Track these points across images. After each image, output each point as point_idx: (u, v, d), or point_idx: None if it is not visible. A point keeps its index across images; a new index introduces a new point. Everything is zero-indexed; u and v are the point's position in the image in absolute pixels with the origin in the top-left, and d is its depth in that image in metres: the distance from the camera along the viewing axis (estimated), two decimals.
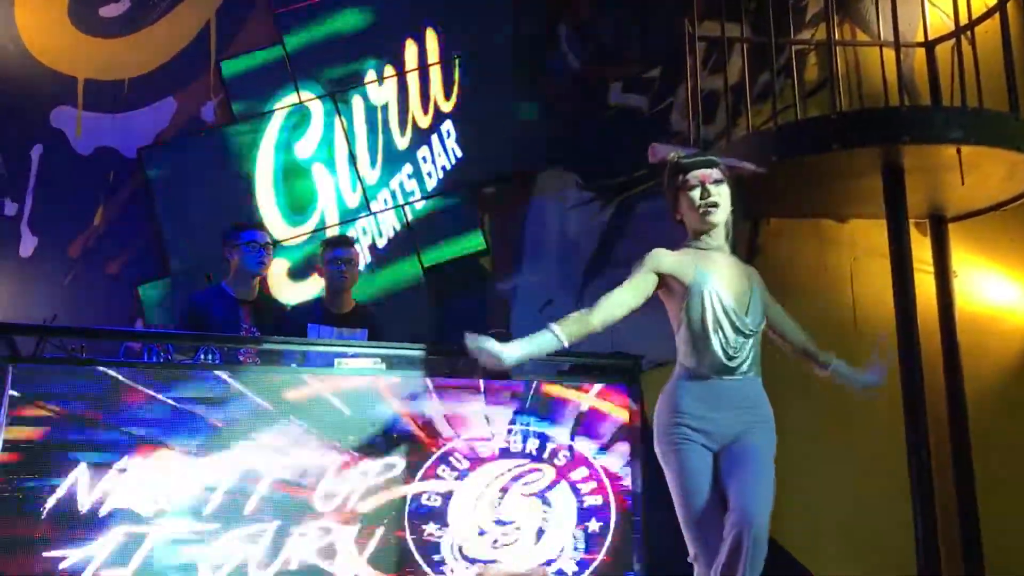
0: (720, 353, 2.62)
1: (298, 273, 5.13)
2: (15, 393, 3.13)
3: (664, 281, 2.67)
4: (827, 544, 4.76)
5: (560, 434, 3.71)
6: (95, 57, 5.34)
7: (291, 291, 5.07)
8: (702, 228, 2.71)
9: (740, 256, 5.06)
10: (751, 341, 2.69)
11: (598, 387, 3.80)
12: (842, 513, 4.79)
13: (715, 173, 2.69)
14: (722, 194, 2.69)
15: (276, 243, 4.40)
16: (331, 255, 4.17)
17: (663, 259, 2.67)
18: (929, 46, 5.14)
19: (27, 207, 5.12)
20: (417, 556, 3.46)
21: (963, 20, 4.76)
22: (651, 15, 5.53)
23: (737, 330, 2.64)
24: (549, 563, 3.61)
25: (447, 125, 5.37)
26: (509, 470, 3.65)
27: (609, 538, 3.68)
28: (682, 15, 5.08)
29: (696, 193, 2.67)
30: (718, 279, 2.65)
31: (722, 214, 2.71)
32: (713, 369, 2.63)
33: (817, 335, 4.96)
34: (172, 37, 5.40)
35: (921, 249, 4.92)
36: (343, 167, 5.31)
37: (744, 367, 2.67)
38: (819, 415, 4.86)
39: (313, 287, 4.96)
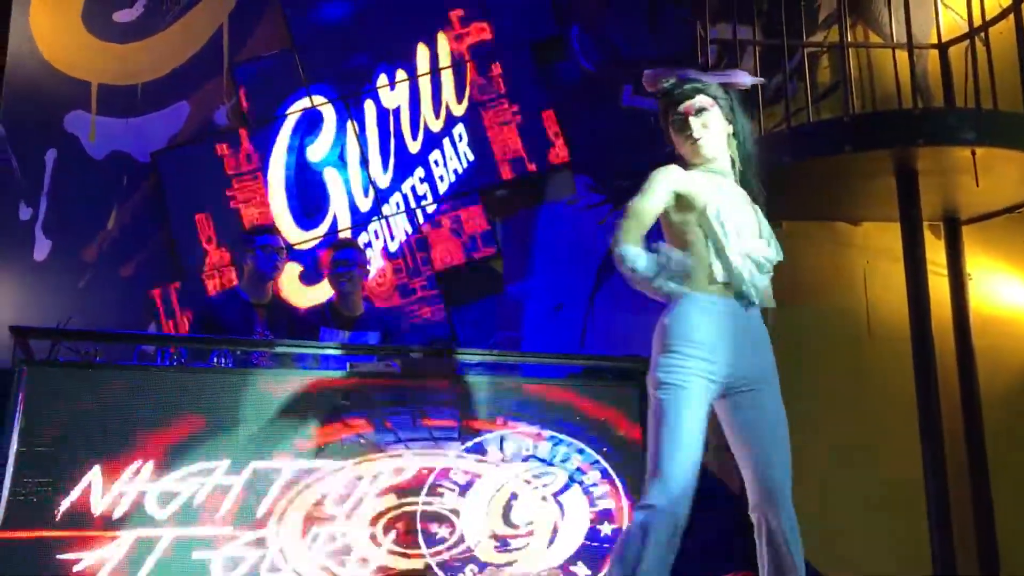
0: (738, 273, 2.44)
1: (310, 277, 5.14)
2: (29, 396, 3.14)
3: (677, 201, 2.48)
4: (840, 547, 4.74)
5: (572, 437, 3.70)
6: (109, 62, 5.37)
7: (303, 295, 5.08)
8: (699, 161, 2.54)
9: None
10: (766, 275, 2.53)
11: (610, 389, 3.79)
12: (855, 515, 4.77)
13: (700, 101, 2.50)
14: (709, 123, 2.51)
15: (290, 247, 4.41)
16: (333, 258, 4.19)
17: (674, 176, 2.48)
18: (943, 48, 5.11)
19: (41, 211, 5.15)
20: (429, 559, 3.46)
21: (977, 21, 4.74)
22: (663, 17, 5.52)
23: (753, 260, 2.48)
24: (562, 567, 3.60)
25: (459, 129, 5.38)
26: (522, 473, 3.64)
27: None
28: (694, 17, 5.08)
29: (680, 127, 2.52)
30: (725, 201, 2.48)
31: (712, 144, 2.53)
32: (727, 290, 2.44)
33: (830, 338, 5.01)
34: (185, 41, 5.43)
35: (935, 252, 4.89)
36: (355, 171, 5.33)
37: (758, 298, 2.50)
38: (832, 416, 4.84)
39: (326, 291, 4.97)
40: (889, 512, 4.69)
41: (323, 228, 5.25)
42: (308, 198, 5.28)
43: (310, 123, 5.35)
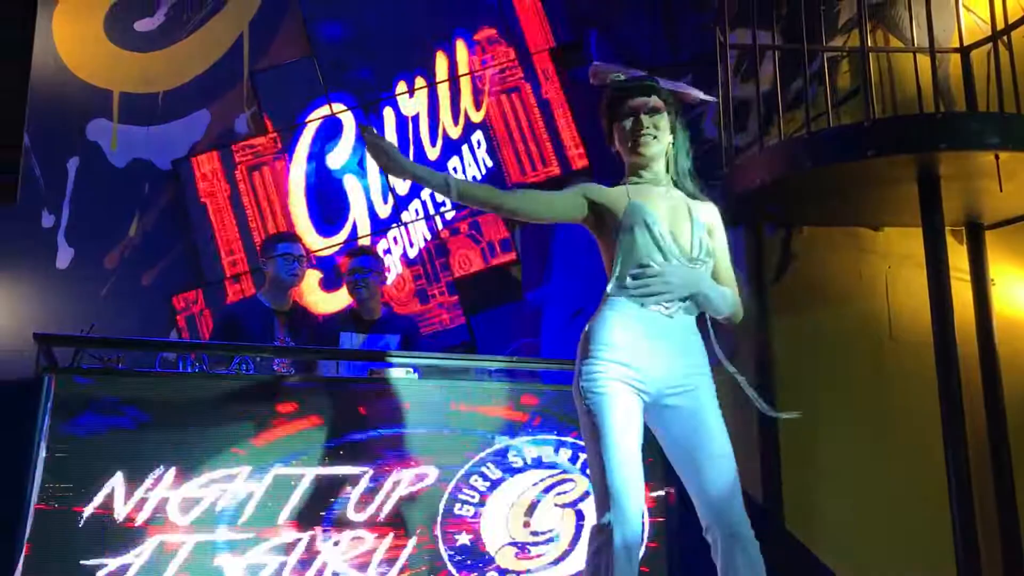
0: (661, 270, 2.37)
1: (330, 283, 5.16)
2: (54, 403, 3.16)
3: (594, 211, 2.45)
4: (863, 551, 4.70)
5: None
6: (130, 70, 5.41)
7: (323, 301, 5.10)
8: (635, 161, 2.50)
9: (771, 265, 5.06)
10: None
11: None
12: (879, 519, 4.73)
13: (652, 101, 2.46)
14: (659, 125, 2.48)
15: (311, 255, 4.43)
16: (350, 266, 4.22)
17: (591, 186, 2.48)
18: (964, 52, 5.07)
19: (64, 219, 5.19)
20: (450, 566, 3.46)
21: (999, 25, 4.70)
22: (681, 23, 5.52)
23: (668, 261, 2.40)
24: (581, 574, 3.59)
25: (478, 135, 5.39)
26: (542, 480, 3.64)
27: (642, 548, 3.64)
28: (713, 22, 5.06)
29: (628, 123, 2.46)
30: (652, 208, 2.42)
31: (656, 146, 2.48)
32: (646, 301, 2.36)
33: (852, 344, 4.98)
34: (205, 50, 5.47)
35: (958, 257, 4.85)
36: (374, 178, 5.34)
37: (678, 304, 2.40)
38: (855, 421, 4.82)
39: (345, 297, 4.99)
40: (913, 517, 4.65)
41: (343, 235, 5.27)
42: (328, 205, 5.31)
43: (330, 130, 5.38)
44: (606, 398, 2.30)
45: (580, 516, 3.64)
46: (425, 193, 5.34)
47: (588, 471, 2.36)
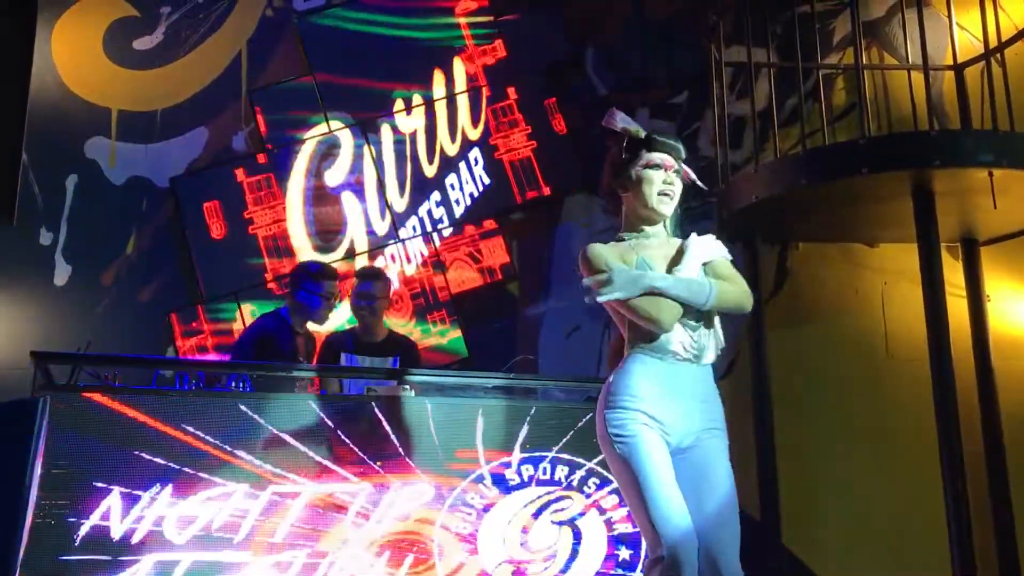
0: (676, 336, 2.41)
1: None
2: (51, 421, 3.16)
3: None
4: (859, 565, 4.70)
5: (589, 461, 3.69)
6: (129, 88, 5.43)
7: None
8: (649, 216, 2.54)
9: (767, 281, 5.08)
10: (703, 325, 2.47)
11: None
12: (876, 534, 4.73)
13: (677, 164, 2.54)
14: (677, 188, 2.54)
15: (340, 295, 4.35)
16: (357, 291, 4.19)
17: (608, 254, 2.50)
18: (958, 69, 5.12)
19: (61, 236, 5.20)
20: None
21: (992, 43, 4.74)
22: (677, 40, 5.55)
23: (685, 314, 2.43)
24: None
25: (474, 153, 5.41)
26: (539, 497, 3.63)
27: (640, 566, 3.65)
28: (708, 40, 5.10)
29: (658, 175, 2.51)
30: (659, 264, 2.49)
31: (672, 207, 2.55)
32: (667, 349, 2.41)
33: (848, 360, 4.99)
34: (204, 68, 5.49)
35: (953, 273, 4.88)
36: (372, 195, 5.36)
37: (701, 353, 2.45)
38: (851, 436, 4.83)
39: (345, 314, 4.99)
40: (910, 532, 4.65)
41: (340, 251, 5.28)
42: (326, 222, 5.32)
43: (328, 148, 5.40)
44: (637, 440, 2.34)
45: (577, 533, 3.64)
46: (423, 210, 5.35)
47: (632, 515, 2.38)
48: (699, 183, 2.67)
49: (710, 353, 2.48)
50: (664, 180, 2.51)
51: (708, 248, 2.56)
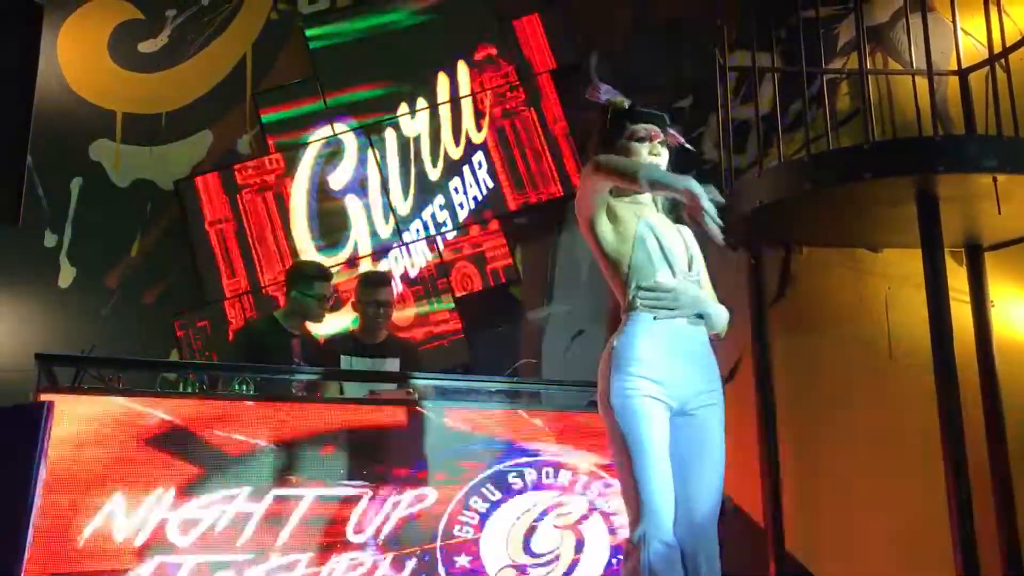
0: (675, 286, 2.44)
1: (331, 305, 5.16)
2: (54, 423, 3.16)
3: (610, 218, 2.50)
4: (863, 570, 4.69)
5: (593, 465, 3.69)
6: (134, 91, 5.45)
7: (325, 321, 5.09)
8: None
9: (770, 286, 5.07)
10: (702, 291, 2.53)
11: None
12: (879, 540, 4.72)
13: (662, 134, 2.57)
14: (663, 158, 2.57)
15: (336, 294, 4.36)
16: (369, 296, 4.19)
17: (610, 197, 2.52)
18: (962, 74, 5.10)
19: (66, 238, 5.21)
20: None
21: (997, 48, 4.73)
22: (682, 45, 5.55)
23: (676, 277, 2.48)
24: None
25: (479, 156, 5.42)
26: (542, 501, 3.63)
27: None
28: (712, 45, 5.10)
29: (644, 147, 2.54)
30: (658, 225, 2.52)
31: None
32: (669, 295, 2.43)
33: (852, 365, 4.98)
34: (209, 71, 5.51)
35: (957, 279, 4.86)
36: (376, 198, 5.36)
37: (709, 324, 2.49)
38: (854, 442, 4.81)
39: (347, 317, 5.00)
40: (914, 538, 4.64)
41: (344, 254, 5.29)
42: (330, 225, 5.32)
43: (332, 151, 5.40)
44: (640, 415, 2.34)
45: (580, 537, 3.64)
46: (427, 213, 5.36)
47: (620, 486, 2.39)
48: (688, 146, 2.69)
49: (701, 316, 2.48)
50: (650, 151, 2.54)
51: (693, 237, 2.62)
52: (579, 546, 3.63)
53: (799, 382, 4.98)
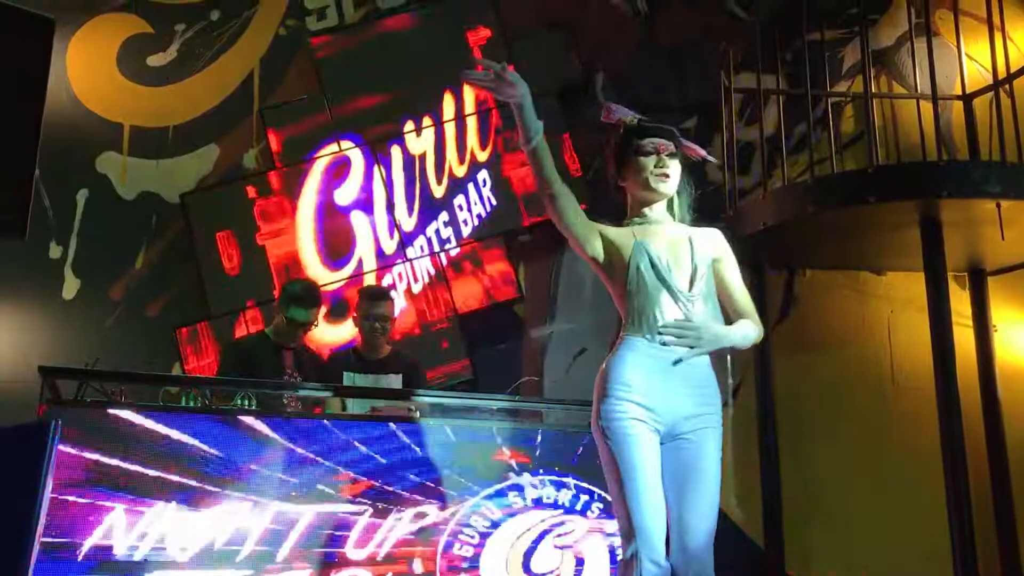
0: (665, 316, 2.45)
1: (335, 317, 5.17)
2: (57, 436, 3.17)
3: (607, 249, 2.54)
4: None
5: (594, 486, 3.69)
6: (141, 104, 5.47)
7: (328, 335, 5.11)
8: (648, 198, 2.58)
9: (773, 307, 5.07)
10: (699, 312, 2.50)
11: None
12: (880, 564, 4.71)
13: (672, 146, 2.57)
14: (674, 168, 2.57)
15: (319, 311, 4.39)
16: (369, 311, 4.20)
17: (605, 226, 2.57)
18: (967, 99, 5.13)
19: (71, 250, 5.22)
20: None
21: (1001, 74, 4.75)
22: (687, 66, 5.57)
23: (676, 298, 2.47)
24: None
25: (483, 174, 5.43)
26: (542, 520, 3.63)
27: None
28: (718, 66, 5.12)
29: (651, 160, 2.55)
30: (655, 245, 2.52)
31: (671, 187, 2.58)
32: (659, 338, 2.43)
33: (854, 387, 4.98)
34: (216, 86, 5.53)
35: (960, 302, 4.87)
36: (381, 214, 5.38)
37: (689, 352, 2.46)
38: (856, 464, 4.80)
39: (350, 330, 5.00)
40: (914, 562, 4.62)
41: (349, 270, 5.30)
42: (335, 240, 5.33)
43: (338, 167, 5.42)
44: (627, 436, 2.37)
45: (580, 557, 3.63)
46: (431, 230, 5.37)
47: (612, 507, 2.42)
48: (709, 157, 2.72)
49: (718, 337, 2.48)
50: (656, 163, 2.56)
51: (716, 244, 2.61)
52: (579, 566, 3.62)
53: (801, 403, 4.98)
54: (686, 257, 2.54)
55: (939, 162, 4.47)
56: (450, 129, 5.49)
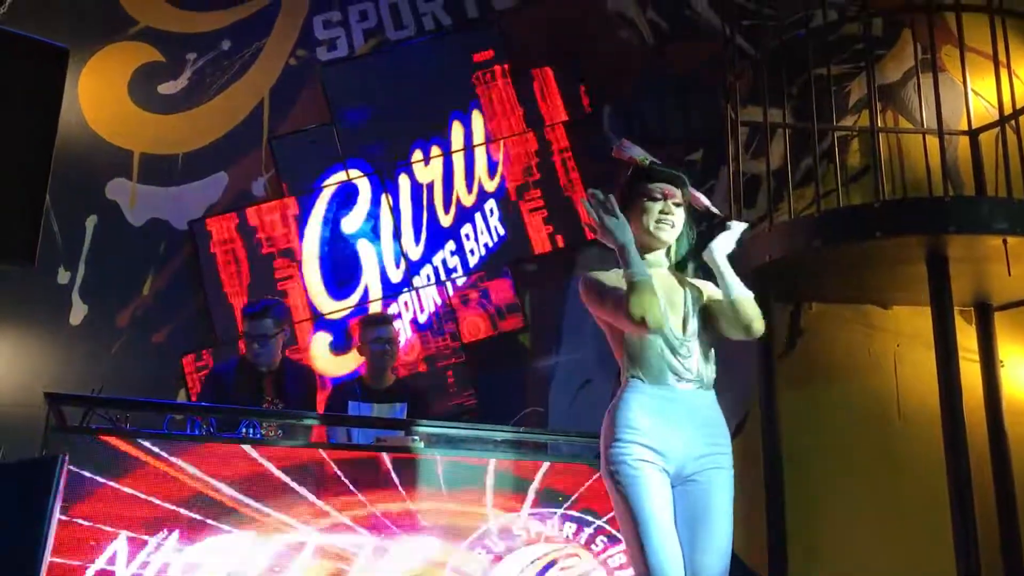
0: (665, 358, 2.42)
1: (340, 347, 5.18)
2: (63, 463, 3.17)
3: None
4: None
5: (598, 519, 3.67)
6: (152, 132, 5.51)
7: (333, 365, 5.12)
8: (649, 243, 2.55)
9: (779, 340, 5.06)
10: (696, 353, 2.47)
11: None
12: None
13: (679, 195, 2.56)
14: (678, 217, 2.56)
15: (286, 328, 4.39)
16: (373, 335, 4.22)
17: (606, 274, 2.53)
18: (973, 134, 5.15)
19: (79, 276, 5.24)
20: None
21: (1007, 109, 4.77)
22: (693, 98, 5.61)
23: (668, 340, 2.43)
24: None
25: (490, 204, 5.46)
26: (547, 553, 3.61)
27: None
28: (724, 99, 5.15)
29: (656, 206, 2.53)
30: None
31: (673, 236, 2.57)
32: (662, 377, 2.41)
33: (860, 421, 4.96)
34: (226, 114, 5.57)
35: (967, 337, 4.86)
36: (388, 243, 5.40)
37: (694, 376, 2.44)
38: (862, 498, 4.78)
39: (355, 360, 5.01)
40: None
41: (355, 298, 5.31)
42: (341, 268, 5.35)
43: (346, 196, 5.45)
44: (637, 479, 2.35)
45: None
46: (437, 259, 5.39)
47: (627, 551, 2.39)
48: (713, 208, 2.70)
49: (699, 377, 2.45)
50: (661, 209, 2.53)
51: (706, 286, 2.60)
52: None
53: (806, 436, 4.96)
54: (679, 301, 2.53)
55: (946, 197, 4.48)
56: (458, 159, 5.52)
